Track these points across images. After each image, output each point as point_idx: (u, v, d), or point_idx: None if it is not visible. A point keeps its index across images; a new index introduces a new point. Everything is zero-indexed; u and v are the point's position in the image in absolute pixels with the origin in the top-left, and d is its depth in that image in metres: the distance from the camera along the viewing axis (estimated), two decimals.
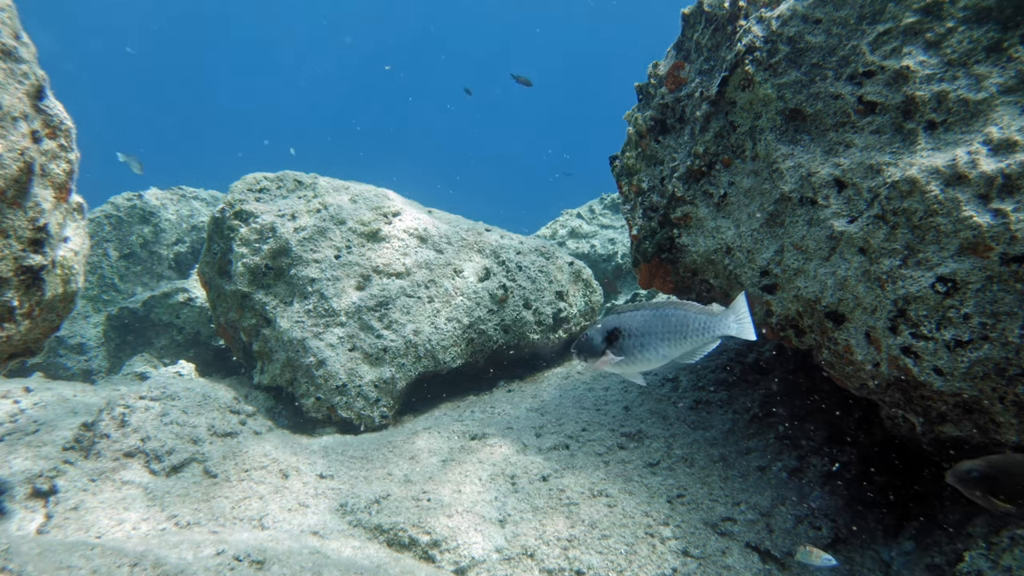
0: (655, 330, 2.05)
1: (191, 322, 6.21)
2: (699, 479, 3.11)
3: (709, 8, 3.12)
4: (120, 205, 7.73)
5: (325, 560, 2.45)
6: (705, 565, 2.62)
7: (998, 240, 2.13)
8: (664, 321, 2.02)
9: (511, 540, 2.75)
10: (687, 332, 2.04)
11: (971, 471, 2.06)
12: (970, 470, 2.06)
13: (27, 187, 2.60)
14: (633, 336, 2.04)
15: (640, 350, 2.06)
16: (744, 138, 2.89)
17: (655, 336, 2.04)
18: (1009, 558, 2.27)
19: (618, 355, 2.08)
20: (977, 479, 2.05)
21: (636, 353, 2.07)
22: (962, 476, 2.07)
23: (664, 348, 2.07)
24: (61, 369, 6.61)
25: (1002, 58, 2.23)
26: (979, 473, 2.05)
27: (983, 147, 2.20)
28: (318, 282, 4.49)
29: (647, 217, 3.49)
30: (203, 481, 3.28)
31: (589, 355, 2.18)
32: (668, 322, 2.01)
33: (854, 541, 2.82)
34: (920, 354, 2.32)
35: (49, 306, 2.85)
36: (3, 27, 2.54)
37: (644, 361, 2.09)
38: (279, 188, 4.95)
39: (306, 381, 4.28)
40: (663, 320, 2.00)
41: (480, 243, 4.97)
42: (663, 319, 2.01)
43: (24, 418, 3.87)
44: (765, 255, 2.81)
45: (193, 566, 2.16)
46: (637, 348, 2.07)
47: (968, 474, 2.06)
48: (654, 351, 2.07)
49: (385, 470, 3.37)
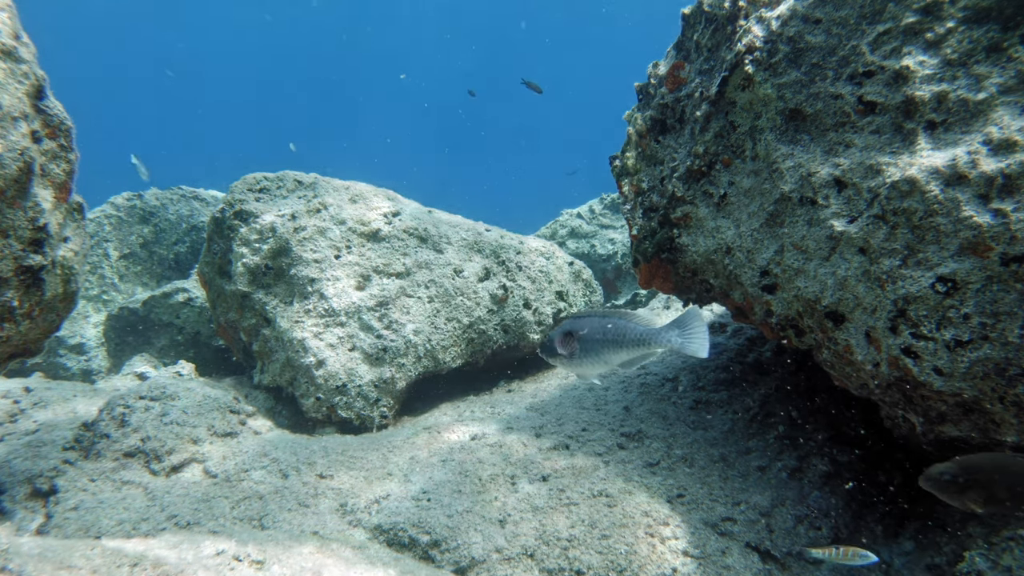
0: (601, 337, 2.19)
1: (191, 322, 6.21)
2: (699, 479, 3.11)
3: (709, 8, 3.12)
4: (120, 205, 7.74)
5: (325, 560, 2.45)
6: (705, 565, 2.62)
7: (998, 240, 2.13)
8: (608, 330, 2.14)
9: (511, 540, 2.75)
10: (625, 343, 2.18)
11: (943, 474, 2.08)
12: (942, 473, 2.08)
13: (27, 187, 2.60)
14: (583, 341, 2.18)
15: (586, 355, 2.21)
16: (744, 138, 2.89)
17: (600, 343, 2.18)
18: (1009, 558, 2.27)
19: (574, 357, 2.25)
20: (949, 482, 2.07)
21: (584, 357, 2.23)
22: (935, 479, 2.09)
23: (607, 355, 2.23)
24: (61, 369, 6.61)
25: (1002, 58, 2.23)
26: (951, 475, 2.07)
27: (983, 147, 2.20)
28: (318, 282, 4.49)
29: (647, 217, 3.49)
30: (203, 481, 3.28)
31: (549, 355, 2.36)
32: (611, 331, 2.14)
33: (854, 541, 2.82)
34: (920, 354, 2.32)
35: (49, 306, 2.85)
36: (3, 27, 2.54)
37: (590, 365, 2.25)
38: (279, 188, 4.95)
39: (306, 381, 4.29)
40: (607, 329, 2.13)
41: (480, 243, 4.97)
42: (608, 328, 2.14)
43: (24, 418, 3.87)
44: (765, 255, 2.81)
45: (193, 566, 2.16)
46: (585, 352, 2.22)
47: (940, 477, 2.08)
48: (598, 356, 2.22)
49: (385, 470, 3.37)
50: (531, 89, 9.37)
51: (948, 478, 2.07)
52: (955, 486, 2.07)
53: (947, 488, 2.08)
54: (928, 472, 2.10)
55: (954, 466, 2.08)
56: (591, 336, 2.23)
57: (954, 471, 2.06)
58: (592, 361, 2.29)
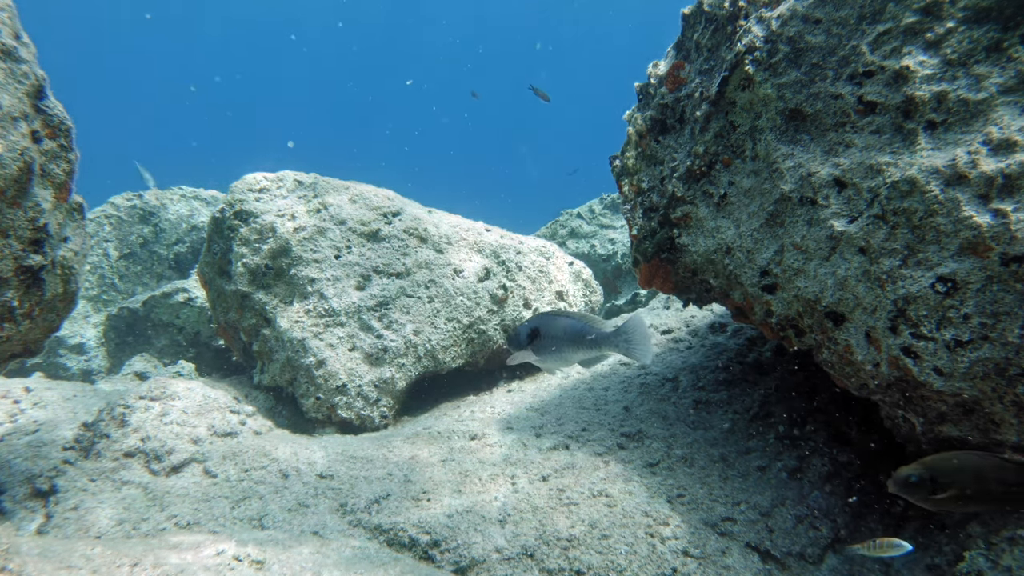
0: (560, 336, 2.33)
1: (191, 322, 6.21)
2: (699, 479, 3.11)
3: (709, 8, 3.12)
4: (120, 205, 7.74)
5: (325, 560, 2.45)
6: (705, 565, 2.62)
7: (998, 240, 2.13)
8: (567, 329, 2.29)
9: (511, 540, 2.75)
10: (580, 344, 2.33)
11: (910, 476, 2.09)
12: (908, 475, 2.09)
13: (27, 187, 2.60)
14: (546, 338, 2.33)
15: (547, 350, 2.36)
16: (744, 138, 2.89)
17: (560, 341, 2.32)
18: (1009, 558, 2.27)
19: (535, 352, 2.40)
20: (917, 483, 2.08)
21: (545, 352, 2.38)
22: (902, 483, 2.10)
23: (566, 353, 2.37)
24: (61, 369, 6.61)
25: (1002, 58, 2.23)
26: (918, 478, 2.08)
27: (983, 147, 2.20)
28: (318, 282, 4.49)
29: (647, 217, 3.49)
30: (203, 481, 3.28)
31: (515, 347, 2.51)
32: (569, 331, 2.29)
33: (854, 541, 2.82)
34: (920, 354, 2.32)
35: (49, 306, 2.85)
36: (3, 27, 2.54)
37: (551, 360, 2.40)
38: (279, 188, 4.95)
39: (306, 381, 4.29)
40: (567, 328, 2.28)
41: (480, 243, 4.97)
42: (568, 327, 2.29)
43: (24, 418, 3.87)
44: (765, 255, 2.81)
45: (193, 566, 2.16)
46: (546, 348, 2.37)
47: (907, 480, 2.09)
48: (558, 354, 2.37)
49: (385, 470, 3.37)
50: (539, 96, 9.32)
51: (915, 480, 2.08)
52: (924, 488, 2.08)
53: (916, 491, 2.09)
54: (895, 476, 2.11)
55: (921, 468, 2.09)
56: (551, 334, 2.37)
57: (921, 473, 2.08)
58: (551, 357, 2.44)
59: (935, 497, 2.09)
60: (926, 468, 2.09)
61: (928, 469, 2.08)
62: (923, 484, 2.08)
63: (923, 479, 2.07)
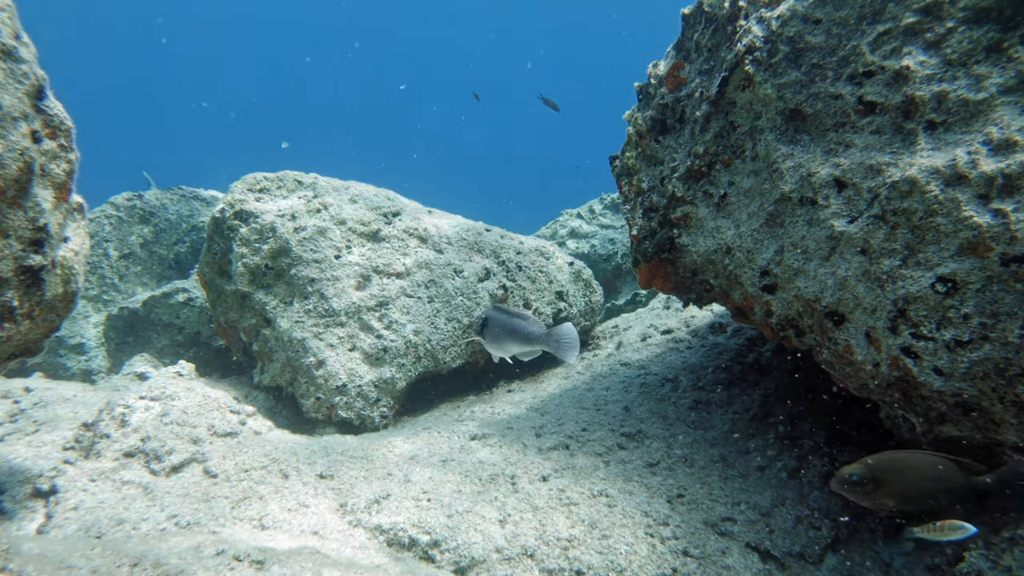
0: (506, 328, 2.61)
1: (191, 322, 6.21)
2: (699, 479, 3.10)
3: (709, 8, 3.12)
4: (120, 205, 7.73)
5: (325, 560, 2.45)
6: (705, 565, 2.62)
7: (998, 240, 2.13)
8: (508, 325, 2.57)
9: (511, 540, 2.75)
10: (519, 338, 2.61)
11: (852, 475, 2.09)
12: (851, 474, 2.09)
13: (27, 187, 2.60)
14: (494, 328, 2.62)
15: (493, 339, 2.64)
16: (744, 138, 2.89)
17: (505, 333, 2.60)
18: (1009, 558, 2.27)
19: (484, 338, 2.68)
20: (858, 482, 2.08)
21: (492, 340, 2.65)
22: (844, 481, 2.10)
23: (506, 343, 2.66)
24: (61, 369, 6.61)
25: (1002, 58, 2.23)
26: (859, 476, 2.08)
27: (983, 147, 2.20)
28: (318, 282, 4.49)
29: (647, 217, 3.49)
30: (203, 481, 3.28)
31: (475, 331, 2.82)
32: (509, 326, 2.57)
33: (854, 541, 2.82)
34: (920, 354, 2.32)
35: (49, 306, 2.85)
36: (3, 27, 2.54)
37: (496, 348, 2.68)
38: (279, 188, 4.95)
39: (306, 381, 4.28)
40: (508, 324, 2.56)
41: (480, 243, 4.97)
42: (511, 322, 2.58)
43: (24, 418, 3.87)
44: (765, 255, 2.81)
45: (193, 566, 2.16)
46: (492, 336, 2.65)
47: (850, 478, 2.09)
48: (501, 343, 2.65)
49: (385, 470, 3.37)
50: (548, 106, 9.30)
51: (857, 479, 2.08)
52: (864, 487, 2.09)
53: (857, 489, 2.10)
54: (838, 474, 2.12)
55: (862, 467, 2.10)
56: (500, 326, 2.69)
57: (863, 472, 2.08)
58: (498, 346, 2.74)
59: (875, 496, 2.09)
60: (867, 467, 2.10)
61: (870, 468, 2.09)
62: (864, 483, 2.08)
63: (864, 478, 2.08)
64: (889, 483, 2.08)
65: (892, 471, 2.09)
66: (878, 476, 2.08)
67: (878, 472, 2.08)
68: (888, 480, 2.08)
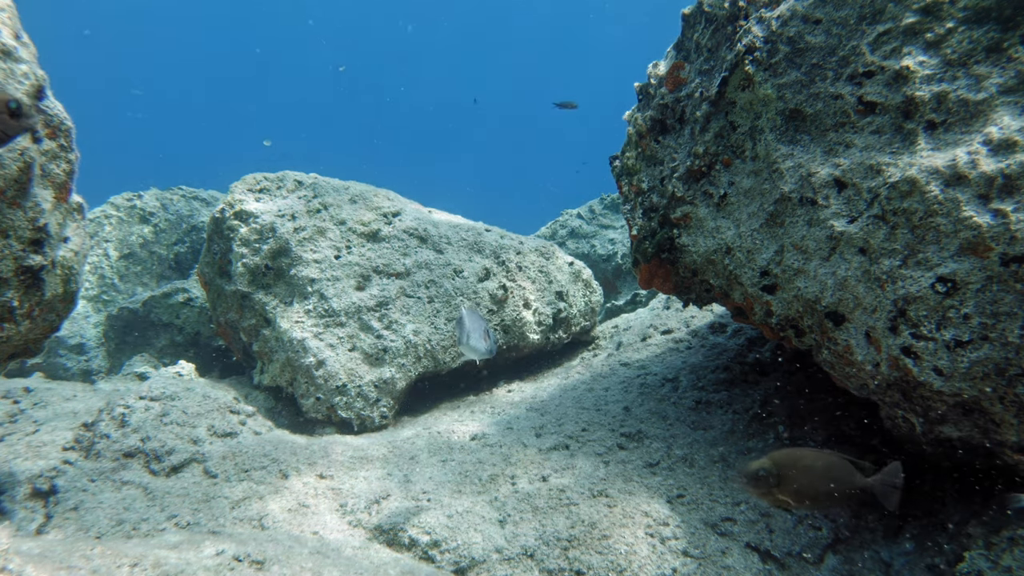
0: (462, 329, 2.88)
1: (191, 322, 6.21)
2: (699, 479, 3.11)
3: (709, 8, 3.12)
4: (120, 205, 7.73)
5: (325, 560, 2.45)
6: (705, 565, 2.62)
7: (998, 240, 2.13)
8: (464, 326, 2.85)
9: (511, 540, 2.75)
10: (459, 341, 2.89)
11: (758, 470, 2.10)
12: (758, 469, 2.10)
13: (27, 187, 2.60)
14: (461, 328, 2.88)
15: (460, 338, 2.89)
16: (744, 138, 2.89)
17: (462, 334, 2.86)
18: (1009, 558, 2.27)
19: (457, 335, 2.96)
20: (763, 477, 2.09)
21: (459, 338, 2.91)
22: (751, 476, 2.11)
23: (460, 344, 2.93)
24: (61, 369, 6.61)
25: (1002, 58, 2.23)
26: (765, 471, 2.09)
27: (983, 147, 2.20)
28: (318, 282, 4.49)
29: (647, 217, 3.49)
30: (203, 481, 3.28)
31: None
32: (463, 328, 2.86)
33: (854, 541, 2.82)
34: (920, 354, 2.32)
35: (49, 306, 2.85)
36: (3, 27, 2.54)
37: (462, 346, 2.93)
38: (279, 188, 4.95)
39: (306, 381, 4.28)
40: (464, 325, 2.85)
41: (480, 243, 4.97)
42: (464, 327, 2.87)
43: (24, 418, 3.87)
44: (765, 255, 2.81)
45: (193, 566, 2.16)
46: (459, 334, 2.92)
47: (756, 473, 2.10)
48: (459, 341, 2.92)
49: (385, 470, 3.37)
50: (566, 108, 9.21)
51: (763, 474, 2.09)
52: (768, 482, 2.10)
53: (761, 484, 2.10)
54: (744, 469, 2.13)
55: (768, 463, 2.10)
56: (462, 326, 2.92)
57: (769, 468, 2.09)
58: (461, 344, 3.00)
59: (777, 492, 2.10)
60: (773, 463, 2.11)
61: (775, 464, 2.10)
62: (768, 478, 2.09)
63: (769, 473, 2.09)
64: (790, 480, 2.09)
65: (793, 468, 2.10)
66: (781, 473, 2.09)
67: (781, 469, 2.10)
68: (789, 477, 2.09)
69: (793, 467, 2.11)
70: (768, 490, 2.12)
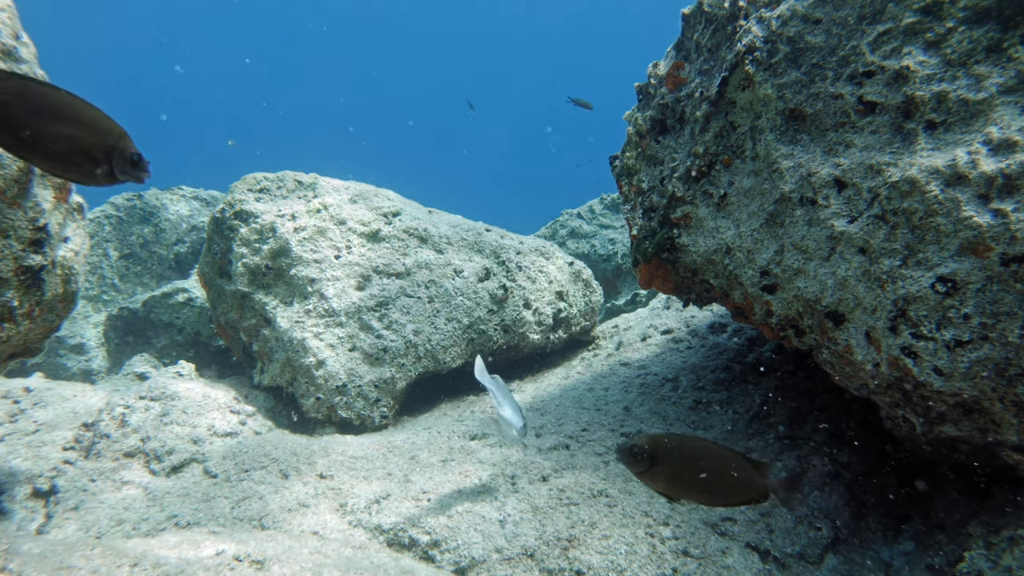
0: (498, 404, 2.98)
1: (191, 322, 6.21)
2: None
3: (709, 8, 3.12)
4: (120, 205, 7.74)
5: (325, 560, 2.45)
6: (705, 565, 2.62)
7: (998, 240, 2.13)
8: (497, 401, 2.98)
9: (511, 540, 2.75)
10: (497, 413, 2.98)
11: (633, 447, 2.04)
12: (633, 446, 2.05)
13: (27, 187, 2.60)
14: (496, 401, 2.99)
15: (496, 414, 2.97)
16: (744, 138, 2.89)
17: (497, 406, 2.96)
18: (1009, 558, 2.27)
19: None
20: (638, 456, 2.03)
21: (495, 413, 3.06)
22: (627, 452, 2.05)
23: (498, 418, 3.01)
24: (61, 369, 6.61)
25: (1002, 58, 2.23)
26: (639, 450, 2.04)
27: (983, 147, 2.20)
28: (318, 282, 4.49)
29: (647, 217, 3.49)
30: (203, 481, 3.28)
31: None
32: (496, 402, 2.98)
33: (854, 541, 2.82)
34: (920, 354, 2.32)
35: (49, 306, 2.85)
36: (3, 27, 2.54)
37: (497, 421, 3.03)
38: (279, 188, 4.95)
39: (306, 381, 4.29)
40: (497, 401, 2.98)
41: (480, 243, 4.97)
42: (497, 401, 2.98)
43: (24, 418, 3.87)
44: (765, 255, 2.81)
45: (193, 566, 2.16)
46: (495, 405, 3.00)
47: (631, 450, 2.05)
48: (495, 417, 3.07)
49: (385, 470, 3.37)
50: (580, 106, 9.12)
51: (637, 452, 2.04)
52: (644, 462, 2.05)
53: (637, 463, 2.05)
54: (623, 445, 2.06)
55: (647, 441, 2.04)
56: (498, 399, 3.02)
57: (646, 447, 2.03)
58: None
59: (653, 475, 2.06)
60: (651, 443, 2.05)
61: (652, 445, 2.05)
62: (644, 458, 2.04)
63: (645, 453, 2.03)
64: (665, 464, 2.03)
65: (667, 452, 2.04)
66: (656, 454, 2.04)
67: (656, 451, 2.04)
68: (664, 462, 2.03)
69: (673, 452, 2.04)
70: (644, 468, 2.06)
